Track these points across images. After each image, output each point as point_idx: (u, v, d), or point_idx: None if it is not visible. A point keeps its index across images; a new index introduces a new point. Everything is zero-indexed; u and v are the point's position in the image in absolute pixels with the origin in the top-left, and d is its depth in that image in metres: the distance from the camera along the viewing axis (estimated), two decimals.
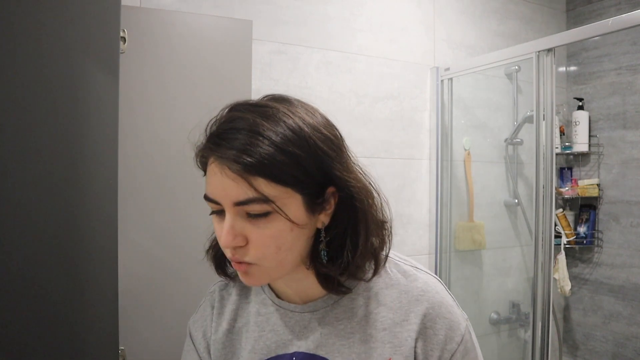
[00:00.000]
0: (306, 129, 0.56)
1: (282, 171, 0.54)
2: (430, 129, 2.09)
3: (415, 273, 0.67)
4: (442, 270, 2.08)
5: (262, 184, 0.54)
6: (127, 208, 1.24)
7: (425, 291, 0.64)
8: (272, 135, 0.54)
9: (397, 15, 2.00)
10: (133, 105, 1.27)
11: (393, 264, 0.67)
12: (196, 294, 1.34)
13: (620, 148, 2.22)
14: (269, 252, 0.57)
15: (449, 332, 0.63)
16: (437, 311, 0.63)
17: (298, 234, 0.58)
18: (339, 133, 0.62)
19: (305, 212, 0.57)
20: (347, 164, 0.61)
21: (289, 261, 0.59)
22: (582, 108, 2.32)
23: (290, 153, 0.54)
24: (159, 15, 1.34)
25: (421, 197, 2.06)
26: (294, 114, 0.57)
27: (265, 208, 0.55)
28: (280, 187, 0.54)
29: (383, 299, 0.64)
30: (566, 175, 2.39)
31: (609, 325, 2.25)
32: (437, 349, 0.62)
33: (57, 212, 0.84)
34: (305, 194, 0.57)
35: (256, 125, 0.55)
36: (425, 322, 0.62)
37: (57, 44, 0.82)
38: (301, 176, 0.55)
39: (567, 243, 2.28)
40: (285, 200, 0.55)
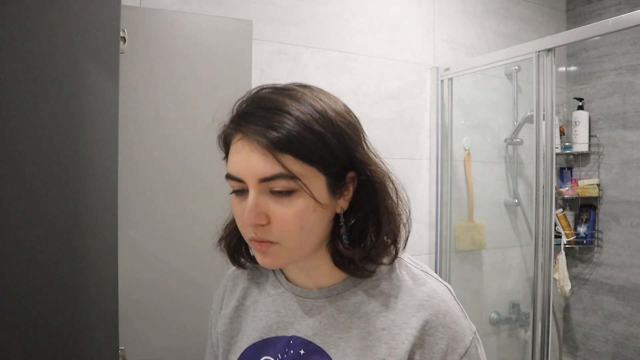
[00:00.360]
0: (330, 112, 0.57)
1: (309, 149, 0.55)
2: (430, 129, 2.09)
3: (425, 278, 0.65)
4: (442, 270, 2.08)
5: (290, 160, 0.54)
6: (128, 208, 1.24)
7: (432, 297, 0.62)
8: (299, 114, 0.55)
9: (397, 15, 2.00)
10: (133, 105, 1.27)
11: (404, 266, 0.67)
12: (196, 293, 1.34)
13: (620, 148, 2.22)
14: (292, 231, 0.57)
15: (451, 342, 0.60)
16: (440, 319, 0.61)
17: (320, 215, 0.58)
18: (359, 123, 0.64)
19: (327, 194, 0.58)
20: (367, 150, 0.63)
21: (310, 242, 0.59)
22: (582, 108, 2.32)
23: (317, 132, 0.55)
24: (159, 15, 1.34)
25: (421, 197, 2.06)
26: (319, 98, 0.59)
27: (291, 185, 0.55)
28: (306, 165, 0.55)
29: (387, 299, 0.63)
30: (566, 175, 2.39)
31: (609, 325, 2.25)
32: (436, 359, 0.60)
33: (57, 212, 0.84)
34: (329, 175, 0.57)
35: (284, 104, 0.56)
36: (427, 329, 0.60)
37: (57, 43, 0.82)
38: (326, 156, 0.56)
39: (567, 243, 2.28)
40: (311, 179, 0.56)
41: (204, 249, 1.40)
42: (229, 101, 0.63)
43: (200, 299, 1.31)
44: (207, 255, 1.43)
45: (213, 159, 1.35)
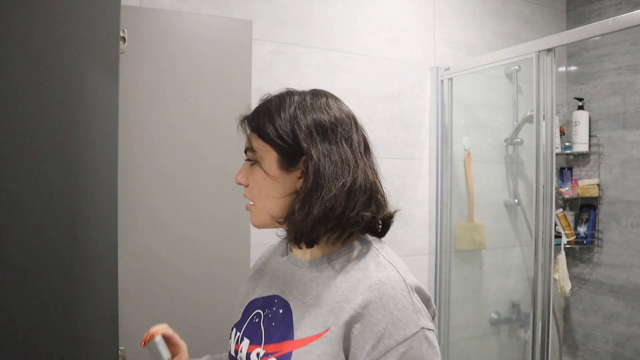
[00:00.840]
0: (296, 111, 0.76)
1: (265, 133, 0.75)
2: (430, 129, 2.09)
3: (386, 267, 0.74)
4: (442, 270, 2.08)
5: (254, 138, 0.78)
6: (127, 208, 1.24)
7: (383, 282, 0.70)
8: (271, 112, 0.77)
9: (397, 15, 2.00)
10: (133, 105, 1.27)
11: (375, 255, 0.77)
12: (197, 293, 1.34)
13: (620, 148, 2.22)
14: (254, 193, 0.79)
15: (390, 327, 0.67)
16: (384, 303, 0.68)
17: (272, 184, 0.77)
18: (336, 118, 0.77)
19: (277, 168, 0.76)
20: (332, 140, 0.76)
21: (269, 207, 0.78)
22: (582, 108, 2.32)
23: (275, 124, 0.75)
24: (159, 15, 1.34)
25: (421, 197, 2.06)
26: (299, 100, 0.78)
27: (254, 156, 0.78)
28: (262, 143, 0.76)
29: (349, 277, 0.74)
30: (566, 175, 2.39)
31: (609, 325, 2.25)
32: (372, 338, 0.67)
33: (57, 212, 0.84)
34: (279, 152, 0.75)
35: (269, 104, 0.79)
36: (369, 309, 0.68)
37: (57, 43, 0.83)
38: (277, 139, 0.75)
39: (567, 243, 2.28)
40: (265, 154, 0.76)
41: (205, 248, 1.41)
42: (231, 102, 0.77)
43: (201, 298, 1.31)
44: (208, 255, 1.43)
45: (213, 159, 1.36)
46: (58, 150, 0.84)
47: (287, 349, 0.74)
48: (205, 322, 1.28)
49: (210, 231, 1.35)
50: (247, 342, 0.82)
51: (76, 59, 0.85)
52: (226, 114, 1.37)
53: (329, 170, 0.74)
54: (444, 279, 2.08)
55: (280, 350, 0.75)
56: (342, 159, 0.75)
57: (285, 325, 0.77)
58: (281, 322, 0.78)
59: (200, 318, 1.29)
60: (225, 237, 1.34)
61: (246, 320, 0.86)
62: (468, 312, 2.14)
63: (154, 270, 1.30)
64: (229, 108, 1.34)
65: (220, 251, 1.27)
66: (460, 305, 2.11)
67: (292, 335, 0.75)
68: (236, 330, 0.87)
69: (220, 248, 1.30)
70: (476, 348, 2.17)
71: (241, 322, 0.87)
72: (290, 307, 0.79)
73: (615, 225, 2.24)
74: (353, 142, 0.78)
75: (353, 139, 0.78)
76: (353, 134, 0.78)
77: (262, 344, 0.79)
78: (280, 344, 0.76)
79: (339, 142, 0.76)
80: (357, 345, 0.68)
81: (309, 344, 0.72)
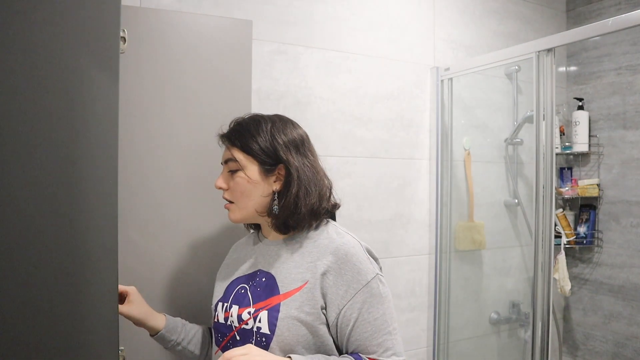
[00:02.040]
0: (272, 128, 1.01)
1: (248, 147, 0.99)
2: (430, 129, 2.09)
3: (344, 234, 1.00)
4: (442, 270, 2.08)
5: (236, 152, 1.00)
6: (128, 208, 1.24)
7: (344, 244, 0.97)
8: (250, 129, 1.01)
9: (397, 15, 2.00)
10: (133, 105, 1.27)
11: (334, 227, 1.03)
12: (197, 293, 1.34)
13: (620, 148, 2.22)
14: (236, 194, 1.01)
15: (356, 275, 0.93)
16: (348, 258, 0.94)
17: (253, 187, 1.00)
18: (302, 136, 1.05)
19: (259, 175, 1.00)
20: (301, 154, 1.01)
21: (249, 205, 1.02)
22: (582, 108, 2.32)
23: (256, 140, 0.99)
24: (159, 15, 1.34)
25: (421, 197, 2.06)
26: (272, 121, 1.02)
27: (236, 166, 1.00)
28: (245, 155, 1.00)
29: (316, 244, 0.99)
30: (566, 175, 2.40)
31: (609, 325, 2.25)
32: (344, 285, 0.93)
33: (56, 212, 0.84)
34: (261, 162, 0.99)
35: (247, 125, 1.02)
36: (338, 264, 0.94)
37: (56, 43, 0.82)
38: (259, 152, 0.99)
39: (567, 243, 2.28)
40: (247, 164, 1.00)
41: (206, 248, 1.41)
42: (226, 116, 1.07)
43: (201, 298, 1.31)
44: (209, 255, 1.43)
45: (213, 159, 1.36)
46: (58, 150, 0.84)
47: (275, 302, 0.94)
48: (206, 322, 1.28)
49: (211, 231, 1.35)
50: (237, 307, 1.00)
51: (76, 59, 0.85)
52: (226, 113, 1.37)
53: (308, 175, 0.99)
54: (444, 279, 2.08)
55: (270, 304, 0.95)
56: (312, 166, 1.01)
57: (270, 287, 0.97)
58: (265, 286, 0.98)
59: (200, 318, 1.29)
60: (226, 237, 1.34)
61: (231, 294, 1.04)
62: (468, 312, 2.14)
63: (154, 270, 1.30)
64: (229, 108, 1.34)
65: (221, 251, 1.27)
66: (460, 305, 2.11)
67: (278, 292, 0.95)
68: (222, 302, 1.05)
69: (221, 248, 1.30)
70: (476, 348, 2.17)
71: (226, 296, 1.06)
72: (272, 274, 0.99)
73: (615, 225, 2.24)
74: (313, 154, 1.04)
75: (313, 152, 1.05)
76: (311, 148, 1.05)
77: (251, 304, 0.98)
78: (268, 300, 0.96)
79: (307, 154, 1.02)
80: (332, 292, 0.93)
81: (292, 295, 0.94)
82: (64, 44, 0.83)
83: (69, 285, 0.85)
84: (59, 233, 0.84)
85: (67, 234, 0.85)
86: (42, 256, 0.82)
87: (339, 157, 1.86)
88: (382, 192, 1.95)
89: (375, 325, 0.92)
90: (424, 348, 2.08)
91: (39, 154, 0.82)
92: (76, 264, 0.86)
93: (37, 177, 0.83)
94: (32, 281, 0.82)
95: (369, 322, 0.92)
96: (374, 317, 0.92)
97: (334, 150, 1.84)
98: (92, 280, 0.88)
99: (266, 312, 0.94)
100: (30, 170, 0.82)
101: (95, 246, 0.88)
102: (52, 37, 0.83)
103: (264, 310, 0.94)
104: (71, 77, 0.85)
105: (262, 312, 0.94)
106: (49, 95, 0.83)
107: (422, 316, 2.07)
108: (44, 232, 0.83)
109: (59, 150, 0.84)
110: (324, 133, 1.82)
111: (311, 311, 0.92)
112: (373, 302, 0.93)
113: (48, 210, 0.83)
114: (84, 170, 0.86)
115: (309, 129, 1.16)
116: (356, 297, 0.92)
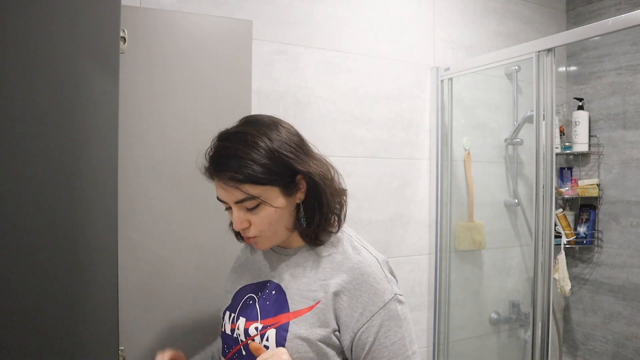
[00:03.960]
0: (271, 144, 0.84)
1: (260, 178, 0.83)
2: (430, 129, 2.09)
3: (361, 250, 0.92)
4: (442, 270, 2.08)
5: (249, 187, 0.83)
6: (128, 208, 1.24)
7: (360, 262, 0.88)
8: (250, 157, 0.82)
9: (397, 15, 2.00)
10: (133, 105, 1.27)
11: (349, 240, 0.94)
12: (197, 294, 1.34)
13: (620, 148, 2.22)
14: (264, 228, 0.88)
15: (372, 296, 0.86)
16: (365, 278, 0.87)
17: (282, 213, 0.88)
18: (297, 136, 0.90)
19: (283, 198, 0.87)
20: (308, 155, 0.90)
21: (280, 230, 0.91)
22: (582, 108, 2.32)
23: (264, 165, 0.83)
24: (159, 15, 1.34)
25: (421, 197, 2.06)
26: (261, 133, 0.85)
27: (256, 202, 0.85)
28: (261, 187, 0.84)
29: (330, 259, 0.91)
30: (566, 175, 2.39)
31: (609, 325, 2.25)
32: (359, 307, 0.85)
33: (57, 212, 0.84)
34: (281, 186, 0.86)
35: (238, 150, 0.83)
36: (354, 284, 0.86)
37: (57, 43, 0.83)
38: (274, 177, 0.84)
39: (567, 243, 2.28)
40: (268, 194, 0.85)
41: (206, 249, 1.41)
42: (203, 147, 0.92)
43: (201, 299, 1.31)
44: (209, 255, 1.43)
45: None
46: (58, 150, 0.84)
47: (284, 320, 0.87)
48: (206, 322, 1.28)
49: (211, 231, 1.35)
50: (244, 320, 0.93)
51: (76, 59, 0.85)
52: (226, 113, 1.37)
53: (324, 172, 0.90)
54: (444, 279, 2.08)
55: (278, 322, 0.88)
56: (319, 160, 0.92)
57: (279, 303, 0.90)
58: (275, 301, 0.91)
59: (201, 318, 1.29)
60: (226, 237, 1.34)
61: (239, 303, 0.97)
62: (468, 312, 2.14)
63: (154, 270, 1.30)
64: (229, 108, 1.34)
65: (221, 251, 1.27)
66: (460, 305, 2.11)
67: (288, 309, 0.89)
68: (230, 312, 0.98)
69: (221, 248, 1.30)
70: (476, 348, 2.17)
71: (233, 305, 0.98)
72: (282, 288, 0.92)
73: (615, 225, 2.24)
74: (310, 145, 0.93)
75: (310, 145, 0.93)
76: (306, 141, 0.93)
77: (258, 319, 0.91)
78: (276, 317, 0.89)
79: (311, 151, 0.92)
80: (347, 314, 0.86)
81: (303, 315, 0.87)
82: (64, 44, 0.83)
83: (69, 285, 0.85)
84: (59, 233, 0.84)
85: (67, 234, 0.85)
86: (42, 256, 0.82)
87: (339, 157, 1.86)
88: (382, 192, 1.95)
89: (392, 351, 0.85)
90: (424, 348, 2.08)
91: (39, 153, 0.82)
92: (76, 264, 0.86)
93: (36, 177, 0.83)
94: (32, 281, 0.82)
95: (386, 346, 0.85)
96: (391, 342, 0.85)
97: (334, 150, 1.84)
98: (92, 280, 0.88)
99: (274, 330, 0.87)
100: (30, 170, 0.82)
101: (95, 246, 0.88)
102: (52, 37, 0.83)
103: (272, 328, 0.88)
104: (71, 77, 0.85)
105: (270, 330, 0.88)
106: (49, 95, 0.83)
107: (422, 316, 2.07)
108: (44, 232, 0.83)
109: (59, 150, 0.84)
110: (324, 133, 1.82)
111: (322, 333, 0.86)
112: (391, 325, 0.86)
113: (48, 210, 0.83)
114: (84, 170, 0.86)
115: (309, 129, 1.16)
116: (373, 320, 0.85)
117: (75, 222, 0.85)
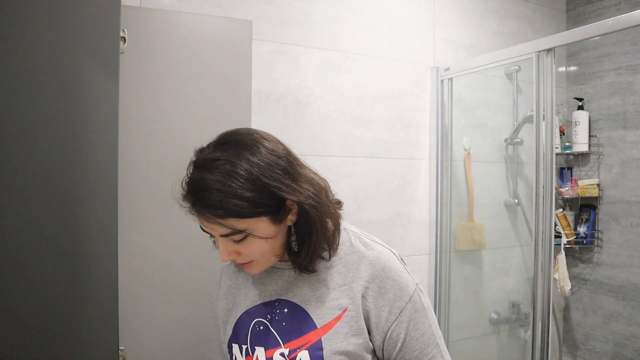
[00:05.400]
0: (254, 170, 0.74)
1: (245, 212, 0.73)
2: (430, 129, 2.09)
3: (373, 245, 0.86)
4: (442, 270, 2.08)
5: (234, 222, 0.74)
6: (127, 208, 1.24)
7: (379, 258, 0.83)
8: (231, 189, 0.72)
9: (397, 15, 2.00)
10: (133, 105, 1.27)
11: (357, 237, 0.87)
12: (197, 294, 1.34)
13: (620, 148, 2.22)
14: (256, 256, 0.80)
15: (398, 292, 0.81)
16: (387, 274, 0.82)
17: (273, 241, 0.80)
18: (282, 157, 0.78)
19: (273, 225, 0.78)
20: (296, 178, 0.79)
21: (275, 253, 0.82)
22: (582, 108, 2.32)
23: (247, 198, 0.73)
24: (159, 15, 1.34)
25: (421, 197, 2.06)
26: (241, 159, 0.74)
27: (242, 234, 0.76)
28: (247, 220, 0.75)
29: (343, 261, 0.84)
30: (566, 175, 2.39)
31: (609, 325, 2.25)
32: (387, 305, 0.81)
33: (56, 212, 0.84)
34: (268, 214, 0.76)
35: (217, 183, 0.73)
36: (377, 282, 0.81)
37: (57, 43, 0.83)
38: (260, 208, 0.75)
39: (567, 243, 2.28)
40: (255, 225, 0.76)
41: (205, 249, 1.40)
42: (179, 178, 0.85)
43: (201, 299, 1.31)
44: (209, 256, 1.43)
45: None
46: (58, 150, 0.84)
47: (314, 338, 0.81)
48: (206, 322, 1.28)
49: None
50: (262, 350, 0.84)
51: (76, 59, 0.85)
52: (226, 114, 1.37)
53: (315, 195, 0.80)
54: (444, 279, 2.08)
55: (309, 342, 0.81)
56: (310, 181, 0.81)
57: (300, 321, 0.83)
58: (293, 320, 0.83)
59: (200, 319, 1.29)
60: None
61: (247, 332, 0.87)
62: (468, 312, 2.14)
63: (154, 270, 1.30)
64: (229, 108, 1.34)
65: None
66: (460, 305, 2.11)
67: (314, 326, 0.81)
68: (238, 344, 0.88)
69: None
70: (476, 348, 2.17)
71: (240, 336, 0.88)
72: (297, 304, 0.84)
73: (615, 225, 2.24)
74: (300, 161, 0.83)
75: (298, 159, 0.82)
76: (295, 156, 0.82)
77: (281, 344, 0.83)
78: (304, 337, 0.81)
79: (299, 170, 0.80)
80: (375, 315, 0.81)
81: (333, 327, 0.81)
82: (65, 44, 0.84)
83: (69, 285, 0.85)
84: (59, 233, 0.84)
85: (67, 234, 0.85)
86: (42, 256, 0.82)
87: (339, 157, 1.86)
88: (382, 192, 1.95)
89: (422, 342, 0.83)
90: None
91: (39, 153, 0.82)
92: (76, 263, 0.86)
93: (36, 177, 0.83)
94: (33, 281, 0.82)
95: (416, 339, 0.83)
96: (421, 334, 0.83)
97: (333, 150, 1.84)
98: (92, 280, 0.88)
99: (306, 351, 0.80)
100: (30, 170, 0.82)
101: (95, 246, 0.88)
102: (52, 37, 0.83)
103: (303, 350, 0.80)
104: (72, 77, 0.85)
105: (302, 352, 0.80)
106: (49, 95, 0.83)
107: None
108: (44, 232, 0.83)
109: (59, 150, 0.84)
110: (324, 133, 1.82)
111: (358, 341, 0.81)
112: (418, 317, 0.83)
113: (48, 210, 0.83)
114: (84, 170, 0.86)
115: (309, 129, 1.15)
116: (402, 316, 0.81)
117: (76, 222, 0.86)
